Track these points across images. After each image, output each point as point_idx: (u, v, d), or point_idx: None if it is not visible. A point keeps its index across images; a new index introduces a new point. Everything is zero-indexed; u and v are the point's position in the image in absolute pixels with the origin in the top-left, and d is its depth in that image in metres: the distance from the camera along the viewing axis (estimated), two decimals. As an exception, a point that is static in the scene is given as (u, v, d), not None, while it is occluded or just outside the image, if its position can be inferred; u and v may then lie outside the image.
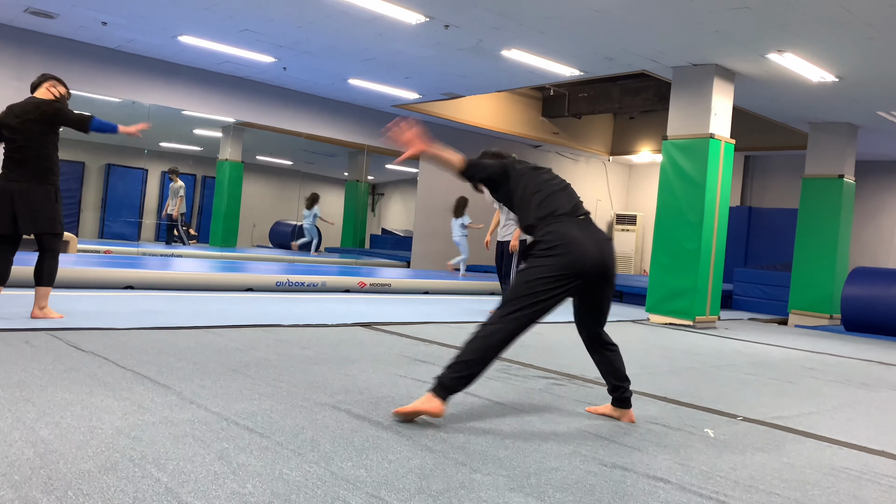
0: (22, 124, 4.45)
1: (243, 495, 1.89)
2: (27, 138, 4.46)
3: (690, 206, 7.79)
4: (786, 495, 2.29)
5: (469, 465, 2.30)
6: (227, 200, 12.78)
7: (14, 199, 4.44)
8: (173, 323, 4.83)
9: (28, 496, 1.76)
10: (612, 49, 7.47)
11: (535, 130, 13.36)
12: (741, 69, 7.73)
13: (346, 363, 3.92)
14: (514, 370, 4.15)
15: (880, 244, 12.68)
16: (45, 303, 4.59)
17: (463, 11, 6.69)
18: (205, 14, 7.51)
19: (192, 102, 10.16)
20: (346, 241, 15.47)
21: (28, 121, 4.46)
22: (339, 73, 9.63)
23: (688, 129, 7.91)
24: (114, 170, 12.94)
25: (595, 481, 2.26)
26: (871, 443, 3.12)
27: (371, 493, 1.99)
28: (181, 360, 3.59)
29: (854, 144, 10.00)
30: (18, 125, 4.45)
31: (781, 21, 6.15)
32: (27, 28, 8.58)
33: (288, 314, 5.81)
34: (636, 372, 4.50)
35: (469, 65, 8.64)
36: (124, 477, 1.94)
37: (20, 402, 2.59)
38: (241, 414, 2.68)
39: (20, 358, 3.34)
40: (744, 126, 10.44)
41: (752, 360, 5.54)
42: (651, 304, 8.13)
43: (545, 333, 5.97)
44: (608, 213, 16.03)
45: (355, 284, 8.47)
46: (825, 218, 9.83)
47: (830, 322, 9.71)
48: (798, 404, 3.89)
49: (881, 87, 7.86)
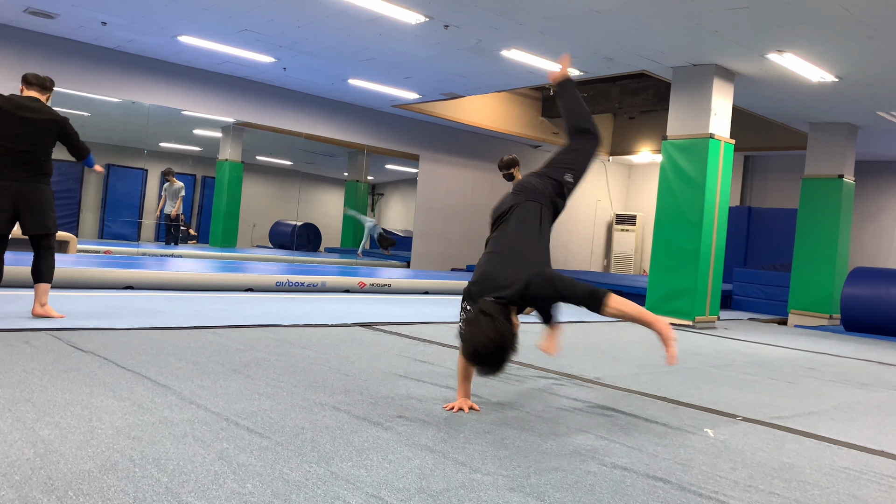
0: (37, 132, 4.52)
1: (243, 495, 1.89)
2: (36, 145, 4.54)
3: (690, 207, 7.79)
4: (786, 495, 2.29)
5: (469, 465, 2.30)
6: (226, 200, 12.77)
7: (17, 200, 4.47)
8: (173, 323, 4.83)
9: (28, 496, 1.76)
10: (612, 49, 7.47)
11: (534, 130, 13.36)
12: (741, 69, 7.73)
13: (346, 363, 3.92)
14: (514, 370, 4.15)
15: (880, 244, 12.68)
16: (45, 299, 4.62)
17: (463, 11, 6.69)
18: (205, 14, 7.51)
19: (191, 102, 10.16)
20: (346, 241, 15.47)
21: (44, 130, 4.56)
22: (339, 73, 9.63)
23: (687, 130, 7.91)
24: (113, 170, 12.93)
25: (595, 481, 2.26)
26: (871, 443, 3.12)
27: (371, 493, 1.99)
28: (181, 360, 3.59)
29: (854, 144, 10.00)
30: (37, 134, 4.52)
31: (781, 21, 6.15)
32: (27, 28, 8.58)
33: (288, 314, 5.81)
34: (636, 372, 4.50)
35: (469, 65, 8.65)
36: (124, 477, 1.94)
37: (20, 402, 2.59)
38: (241, 414, 2.68)
39: (20, 358, 3.34)
40: (744, 126, 10.44)
41: (752, 360, 5.54)
42: (651, 304, 8.13)
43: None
44: (608, 213, 16.04)
45: (355, 284, 8.47)
46: (825, 218, 9.83)
47: (830, 322, 9.71)
48: (798, 404, 3.89)
49: (881, 87, 7.86)
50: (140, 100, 9.70)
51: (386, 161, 14.81)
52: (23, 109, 4.50)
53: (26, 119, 4.49)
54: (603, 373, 4.32)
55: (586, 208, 15.51)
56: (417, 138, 12.74)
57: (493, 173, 13.70)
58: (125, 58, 9.43)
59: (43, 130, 4.55)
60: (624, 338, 6.33)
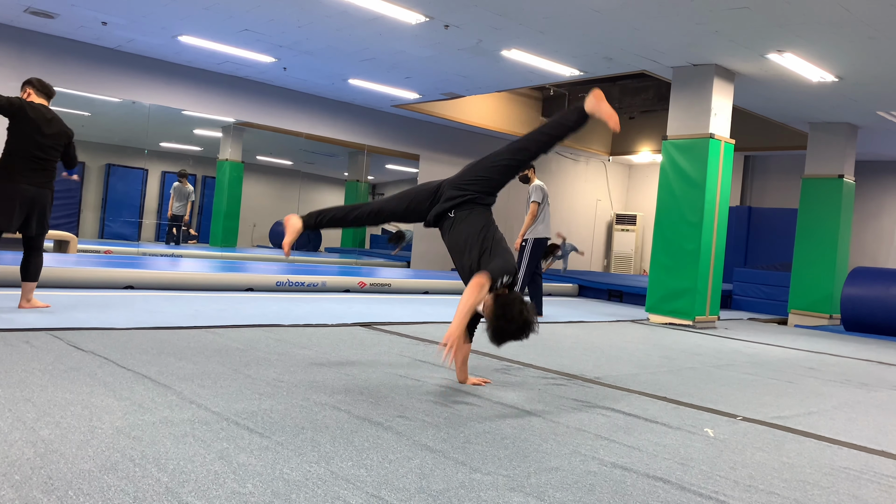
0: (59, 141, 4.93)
1: (243, 495, 1.89)
2: (52, 154, 4.92)
3: (690, 207, 7.79)
4: (786, 495, 2.30)
5: (469, 465, 2.30)
6: (227, 200, 12.78)
7: (33, 204, 4.83)
8: (173, 323, 4.83)
9: (28, 496, 1.76)
10: (612, 49, 7.47)
11: (535, 130, 13.34)
12: (741, 69, 7.73)
13: (346, 363, 3.93)
14: (514, 370, 4.16)
15: (880, 244, 12.69)
16: (31, 295, 4.96)
17: (463, 11, 6.70)
18: (205, 14, 7.51)
19: (192, 102, 10.16)
20: (346, 241, 15.48)
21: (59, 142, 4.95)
22: (339, 73, 9.63)
23: (687, 129, 7.91)
24: (114, 170, 12.94)
25: (595, 481, 2.26)
26: (871, 443, 3.12)
27: (371, 492, 1.99)
28: (181, 360, 3.59)
29: (854, 144, 10.00)
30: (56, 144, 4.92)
31: (781, 21, 6.15)
32: (27, 28, 8.58)
33: (288, 314, 5.81)
34: (636, 372, 4.50)
35: (469, 65, 8.65)
36: (124, 477, 1.94)
37: (20, 402, 2.59)
38: (241, 414, 2.68)
39: (20, 358, 3.34)
40: (744, 126, 10.44)
41: (752, 360, 5.54)
42: (651, 304, 8.13)
43: (544, 334, 5.98)
44: (608, 213, 16.04)
45: (355, 284, 8.48)
46: (825, 218, 9.83)
47: (830, 322, 9.71)
48: (798, 404, 3.89)
49: (881, 87, 7.86)
50: (140, 100, 9.71)
51: (386, 161, 14.82)
52: (44, 120, 4.86)
53: (47, 130, 4.86)
54: (603, 373, 4.32)
55: (586, 208, 15.51)
56: (417, 138, 12.74)
57: (493, 173, 13.68)
58: (125, 58, 9.44)
59: (58, 142, 4.94)
60: (624, 338, 6.33)
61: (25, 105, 4.78)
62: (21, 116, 4.74)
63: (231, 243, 12.84)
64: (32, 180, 4.78)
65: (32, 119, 4.77)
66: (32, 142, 4.76)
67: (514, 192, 13.19)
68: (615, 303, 10.36)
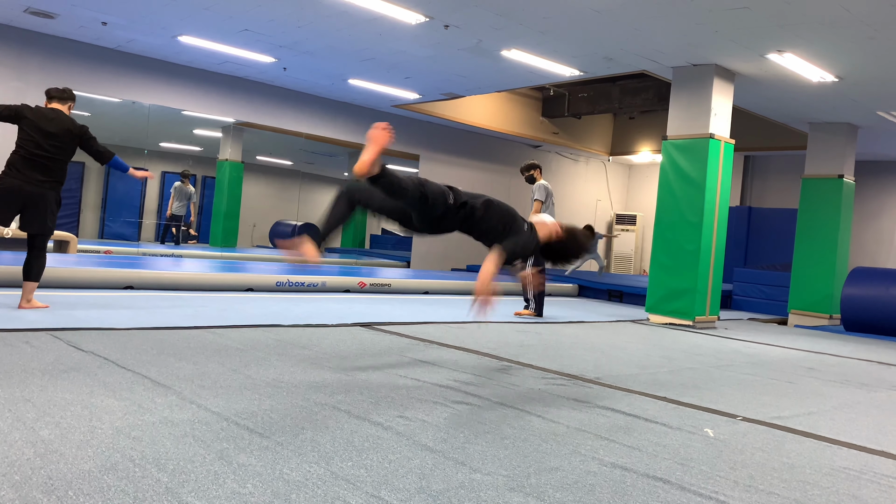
0: (62, 139, 4.92)
1: (243, 495, 1.89)
2: (61, 152, 4.94)
3: (690, 207, 7.79)
4: (785, 495, 2.30)
5: (469, 465, 2.30)
6: (227, 200, 12.77)
7: (26, 202, 4.83)
8: (173, 323, 4.83)
9: (28, 496, 1.76)
10: (612, 49, 7.47)
11: (534, 130, 13.37)
12: (741, 69, 7.73)
13: (346, 363, 3.93)
14: (514, 370, 4.16)
15: (880, 244, 12.69)
16: (31, 296, 4.98)
17: (463, 11, 6.70)
18: (205, 14, 7.51)
19: (192, 102, 10.16)
20: (346, 241, 15.46)
21: (69, 138, 4.96)
22: (339, 73, 9.63)
23: (687, 130, 7.91)
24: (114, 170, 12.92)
25: (595, 481, 2.26)
26: (871, 443, 3.12)
27: (371, 493, 1.99)
28: (181, 360, 3.59)
29: (854, 144, 10.00)
30: (59, 143, 4.91)
31: (781, 21, 6.15)
32: (27, 28, 8.58)
33: (288, 314, 5.81)
34: (636, 372, 4.50)
35: (469, 65, 8.65)
36: (124, 477, 1.94)
37: (20, 402, 2.59)
38: (241, 414, 2.68)
39: (20, 358, 3.34)
40: (744, 126, 10.44)
41: (752, 360, 5.54)
42: (651, 304, 8.13)
43: (544, 334, 5.98)
44: (608, 213, 16.04)
45: (355, 284, 8.48)
46: (825, 218, 9.83)
47: (830, 322, 9.71)
48: (798, 404, 3.89)
49: (881, 87, 7.86)
50: (140, 100, 9.70)
51: (386, 161, 14.76)
52: (44, 120, 4.90)
53: (48, 129, 4.88)
54: (603, 373, 4.32)
55: (586, 208, 15.51)
56: (417, 138, 12.74)
57: (493, 173, 13.72)
58: (125, 58, 9.44)
59: (61, 139, 4.92)
60: (624, 338, 6.33)
61: (23, 107, 4.91)
62: (21, 118, 4.88)
63: (231, 243, 12.84)
64: (30, 178, 4.81)
65: (30, 119, 4.87)
66: (32, 141, 4.84)
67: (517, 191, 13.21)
68: (615, 303, 10.36)
